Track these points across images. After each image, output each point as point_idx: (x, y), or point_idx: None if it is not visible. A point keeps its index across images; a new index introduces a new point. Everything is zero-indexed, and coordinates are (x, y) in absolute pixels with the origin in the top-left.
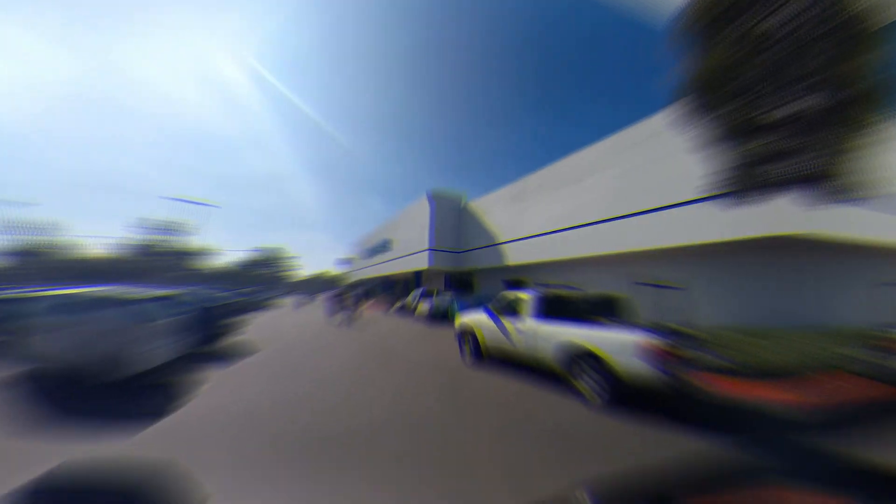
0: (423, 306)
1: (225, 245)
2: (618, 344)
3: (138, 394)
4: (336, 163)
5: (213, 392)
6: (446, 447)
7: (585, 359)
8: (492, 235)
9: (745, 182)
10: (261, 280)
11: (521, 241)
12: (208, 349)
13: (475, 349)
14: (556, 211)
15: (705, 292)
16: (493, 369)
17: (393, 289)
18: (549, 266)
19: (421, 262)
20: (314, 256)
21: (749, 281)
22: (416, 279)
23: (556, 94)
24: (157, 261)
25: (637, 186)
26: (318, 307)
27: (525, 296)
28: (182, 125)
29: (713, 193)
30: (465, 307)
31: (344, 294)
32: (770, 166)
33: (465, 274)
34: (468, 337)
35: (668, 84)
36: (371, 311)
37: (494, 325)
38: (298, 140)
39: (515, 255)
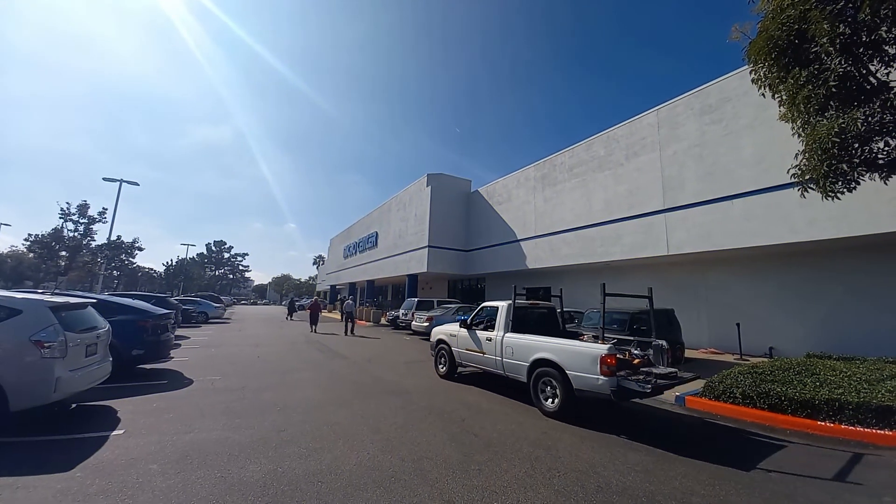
0: (420, 321)
1: (157, 239)
2: (577, 355)
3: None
4: (313, 134)
5: (127, 440)
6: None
7: (546, 370)
8: (508, 231)
9: (849, 163)
10: (204, 285)
11: (546, 238)
12: (140, 369)
13: (449, 362)
14: (595, 199)
15: (785, 308)
16: (465, 381)
17: (381, 297)
18: (584, 270)
19: (417, 265)
20: (278, 254)
21: (848, 294)
22: (411, 285)
23: (596, 42)
24: (55, 258)
25: (703, 168)
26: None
27: (498, 307)
28: (101, 80)
29: (804, 178)
30: None
31: (315, 303)
32: (882, 141)
33: (473, 280)
34: (442, 349)
35: (747, 32)
36: (358, 324)
37: (468, 336)
38: (264, 103)
39: (539, 257)
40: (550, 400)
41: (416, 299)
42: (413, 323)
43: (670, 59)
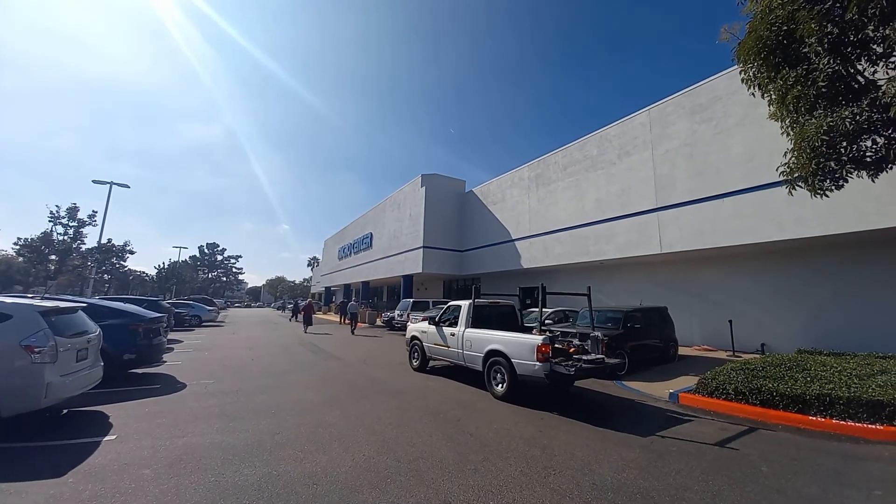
0: (417, 322)
1: (147, 240)
2: (519, 345)
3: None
4: (304, 133)
5: (120, 445)
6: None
7: (497, 359)
8: (503, 231)
9: (838, 161)
10: (197, 288)
11: (540, 238)
12: (128, 376)
13: (421, 356)
14: (588, 198)
15: (777, 305)
16: (437, 373)
17: (376, 298)
18: (578, 269)
19: (412, 265)
20: (271, 256)
21: (837, 291)
22: (406, 286)
23: (584, 46)
24: (45, 262)
25: (694, 167)
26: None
27: (461, 305)
28: (90, 78)
29: (793, 176)
30: None
31: (309, 305)
32: (870, 140)
33: (468, 280)
34: (415, 345)
35: (736, 32)
36: (350, 325)
37: (436, 332)
38: (254, 102)
39: (534, 257)
40: (500, 385)
41: (411, 300)
42: (408, 324)
43: (658, 61)
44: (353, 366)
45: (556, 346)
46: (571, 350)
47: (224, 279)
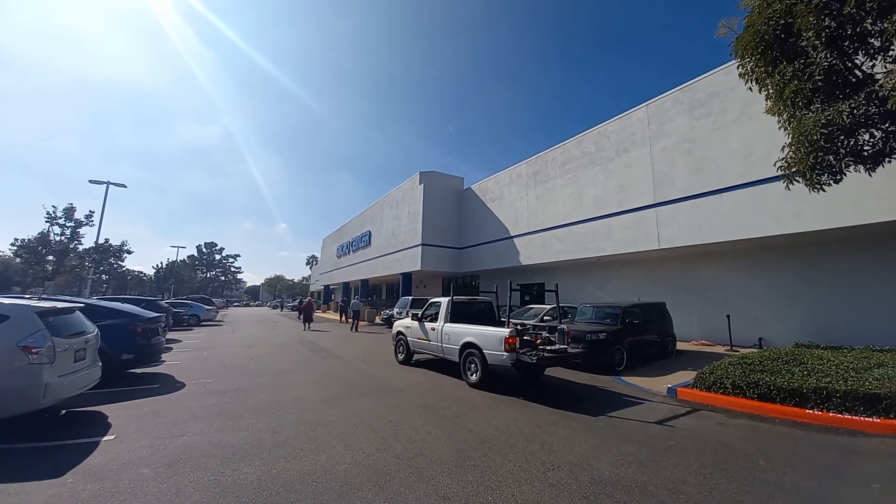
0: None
1: (146, 241)
2: (489, 338)
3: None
4: (302, 133)
5: (119, 444)
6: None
7: (471, 350)
8: (501, 228)
9: (836, 155)
10: (195, 287)
11: (539, 234)
12: (128, 374)
13: (406, 350)
14: (586, 195)
15: (774, 300)
16: (420, 366)
17: (375, 296)
18: (576, 266)
19: (411, 263)
20: (270, 255)
21: (834, 285)
22: (405, 283)
23: (582, 44)
24: (42, 263)
25: (692, 163)
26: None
27: (441, 302)
28: (89, 81)
29: (790, 171)
30: None
31: (309, 303)
32: (868, 133)
33: (467, 277)
34: (401, 340)
35: (733, 27)
36: (351, 322)
37: (419, 327)
38: (252, 103)
39: (532, 254)
40: (474, 374)
41: (410, 298)
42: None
43: (655, 59)
44: (353, 364)
45: (525, 338)
46: (538, 341)
47: (222, 278)
